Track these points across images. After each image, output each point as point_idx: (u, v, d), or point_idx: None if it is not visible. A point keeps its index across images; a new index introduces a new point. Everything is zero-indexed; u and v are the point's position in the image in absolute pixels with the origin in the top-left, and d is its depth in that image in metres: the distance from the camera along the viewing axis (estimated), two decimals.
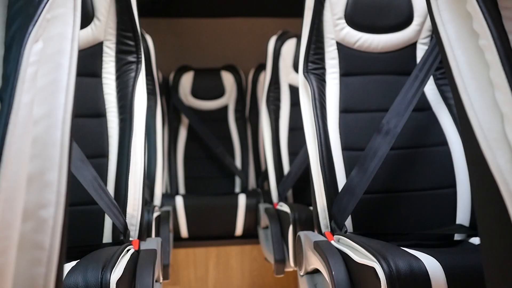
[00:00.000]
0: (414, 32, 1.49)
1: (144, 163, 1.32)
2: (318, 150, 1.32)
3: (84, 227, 1.27)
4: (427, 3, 0.68)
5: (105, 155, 1.33)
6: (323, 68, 1.47)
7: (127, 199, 1.24)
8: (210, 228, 2.53)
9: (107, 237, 1.26)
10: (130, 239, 1.24)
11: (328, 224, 1.31)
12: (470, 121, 0.55)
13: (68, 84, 0.57)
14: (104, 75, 1.40)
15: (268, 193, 2.31)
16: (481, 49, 0.58)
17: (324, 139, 1.34)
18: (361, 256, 1.00)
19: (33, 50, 0.54)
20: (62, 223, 0.56)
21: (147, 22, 3.06)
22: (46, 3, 0.56)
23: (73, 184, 1.18)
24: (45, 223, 0.55)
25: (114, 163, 1.31)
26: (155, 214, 1.73)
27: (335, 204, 1.27)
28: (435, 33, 0.66)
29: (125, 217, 1.23)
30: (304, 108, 1.45)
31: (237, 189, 2.86)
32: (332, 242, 1.19)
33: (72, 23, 0.62)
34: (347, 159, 1.39)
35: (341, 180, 1.35)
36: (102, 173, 1.30)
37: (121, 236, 1.19)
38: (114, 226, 1.24)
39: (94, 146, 1.33)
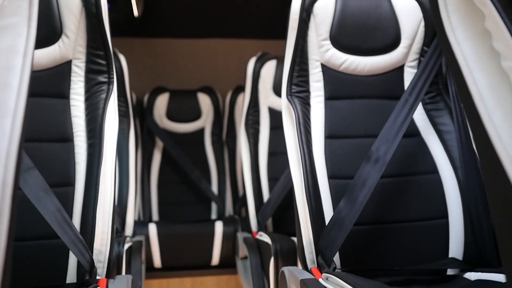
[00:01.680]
0: (402, 54, 1.42)
1: (114, 192, 1.21)
2: (304, 178, 1.23)
3: (46, 265, 1.14)
4: (436, 20, 0.60)
5: (71, 183, 1.21)
6: (308, 91, 1.39)
7: (94, 233, 1.12)
8: (185, 257, 2.41)
9: (71, 276, 1.13)
10: (97, 277, 1.12)
11: (315, 259, 1.21)
12: (498, 156, 0.47)
13: (17, 108, 0.47)
14: (72, 96, 1.29)
15: (246, 221, 2.20)
16: (505, 72, 0.50)
17: (309, 166, 1.25)
18: None
19: None
20: (3, 265, 0.45)
21: (122, 41, 2.97)
22: None
23: (34, 216, 1.07)
24: None
25: (81, 193, 1.19)
26: (126, 246, 1.61)
27: (323, 238, 1.17)
28: (447, 53, 0.58)
29: (92, 253, 1.11)
30: (288, 133, 1.36)
31: (214, 215, 2.75)
32: (320, 280, 1.09)
33: (25, 35, 0.52)
34: (334, 188, 1.30)
35: (327, 211, 1.26)
36: (67, 203, 1.18)
37: (86, 275, 1.07)
38: (79, 264, 1.12)
39: (59, 173, 1.21)
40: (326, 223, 1.22)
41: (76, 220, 1.17)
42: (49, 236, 1.09)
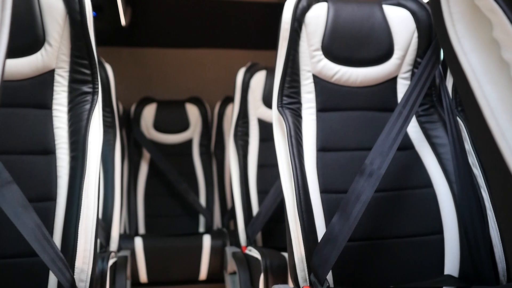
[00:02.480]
0: (395, 66, 1.40)
1: (98, 207, 1.15)
2: (295, 193, 1.19)
3: (24, 285, 1.08)
4: (440, 29, 0.57)
5: (52, 198, 1.15)
6: (299, 102, 1.36)
7: (76, 251, 1.07)
8: (171, 272, 2.35)
9: None
10: None
11: (307, 277, 1.16)
12: None
13: None
14: (54, 106, 1.24)
15: (235, 234, 2.15)
16: None
17: (301, 181, 1.21)
18: None
19: None
20: None
21: (109, 50, 2.92)
22: None
23: (12, 233, 1.01)
24: None
25: (63, 208, 1.14)
26: (111, 261, 1.55)
27: (315, 256, 1.13)
28: (452, 65, 0.55)
29: (73, 272, 1.05)
30: (279, 145, 1.32)
31: (201, 228, 2.70)
32: None
33: None
34: (326, 202, 1.26)
35: (320, 226, 1.22)
36: (48, 219, 1.12)
37: None
38: (59, 284, 1.06)
39: (40, 187, 1.15)
40: (319, 239, 1.18)
41: (57, 237, 1.12)
42: (28, 254, 1.04)
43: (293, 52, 1.33)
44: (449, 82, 1.43)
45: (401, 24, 1.40)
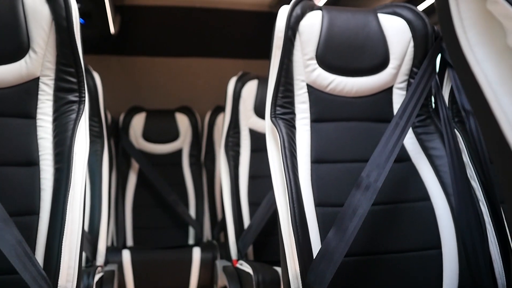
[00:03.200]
0: (390, 75, 1.36)
1: (83, 221, 1.10)
2: (289, 207, 1.15)
3: None
4: (449, 36, 0.53)
5: (35, 212, 1.10)
6: (293, 112, 1.32)
7: (59, 269, 1.01)
8: (160, 286, 2.29)
9: None
10: None
11: None
12: None
13: None
14: (39, 116, 1.19)
15: (225, 247, 2.10)
16: None
17: (296, 194, 1.16)
18: None
19: None
20: None
21: (97, 59, 2.88)
22: None
23: None
24: None
25: (46, 223, 1.09)
26: (97, 277, 1.50)
27: (311, 272, 1.08)
28: (464, 75, 0.51)
29: None
30: (272, 157, 1.28)
31: (191, 240, 2.64)
32: None
33: None
34: (321, 216, 1.22)
35: (315, 241, 1.18)
36: (30, 235, 1.07)
37: None
38: None
39: (22, 201, 1.10)
40: (314, 254, 1.14)
41: (40, 254, 1.06)
42: (8, 271, 0.98)
43: (287, 61, 1.30)
44: (446, 92, 1.41)
45: (397, 33, 1.37)
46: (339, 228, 1.10)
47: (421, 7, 1.93)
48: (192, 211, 2.69)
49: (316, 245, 1.17)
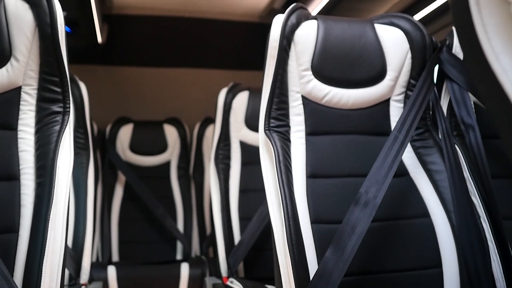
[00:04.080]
0: (388, 87, 1.32)
1: (65, 240, 1.04)
2: (285, 224, 1.09)
3: None
4: (472, 44, 0.49)
5: (14, 229, 1.03)
6: (287, 125, 1.27)
7: None
8: None
9: None
10: None
11: None
12: None
13: None
14: (20, 127, 1.13)
15: (215, 263, 2.03)
16: None
17: (291, 210, 1.11)
18: None
19: None
20: None
21: (84, 68, 2.81)
22: None
23: None
24: None
25: (26, 241, 1.02)
26: None
27: None
28: (487, 86, 0.47)
29: None
30: (266, 171, 1.23)
31: (179, 255, 2.57)
32: None
33: None
34: (317, 233, 1.17)
35: (311, 260, 1.12)
36: (8, 254, 1.00)
37: None
38: None
39: (0, 217, 1.03)
40: (310, 274, 1.08)
41: (18, 275, 0.99)
42: None
43: (282, 71, 1.25)
44: (444, 105, 1.37)
45: (394, 44, 1.33)
46: (337, 247, 1.05)
47: (417, 16, 1.90)
48: (180, 225, 2.63)
49: (312, 264, 1.12)
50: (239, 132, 2.13)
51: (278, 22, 1.25)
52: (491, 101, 0.46)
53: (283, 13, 1.26)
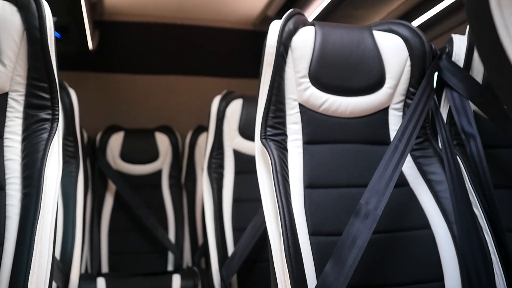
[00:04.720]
0: (386, 95, 1.29)
1: (53, 253, 0.99)
2: (283, 237, 1.05)
3: None
4: (488, 49, 0.45)
5: None
6: (284, 134, 1.23)
7: None
8: None
9: None
10: None
11: None
12: None
13: None
14: (6, 135, 1.08)
15: (207, 275, 1.99)
16: None
17: (289, 222, 1.07)
18: None
19: None
20: None
21: (74, 75, 2.77)
22: None
23: None
24: None
25: (11, 255, 0.96)
26: None
27: None
28: (503, 87, 0.43)
29: None
30: (263, 181, 1.19)
31: (170, 266, 2.53)
32: None
33: None
34: (316, 246, 1.13)
35: (309, 274, 1.08)
36: None
37: None
38: None
39: None
40: None
41: None
42: None
43: (278, 78, 1.22)
44: (443, 114, 1.34)
45: (393, 52, 1.30)
46: (337, 260, 1.01)
47: (413, 24, 1.88)
48: (171, 235, 2.58)
49: (311, 279, 1.08)
50: (232, 141, 2.09)
51: (275, 28, 1.22)
52: None
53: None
